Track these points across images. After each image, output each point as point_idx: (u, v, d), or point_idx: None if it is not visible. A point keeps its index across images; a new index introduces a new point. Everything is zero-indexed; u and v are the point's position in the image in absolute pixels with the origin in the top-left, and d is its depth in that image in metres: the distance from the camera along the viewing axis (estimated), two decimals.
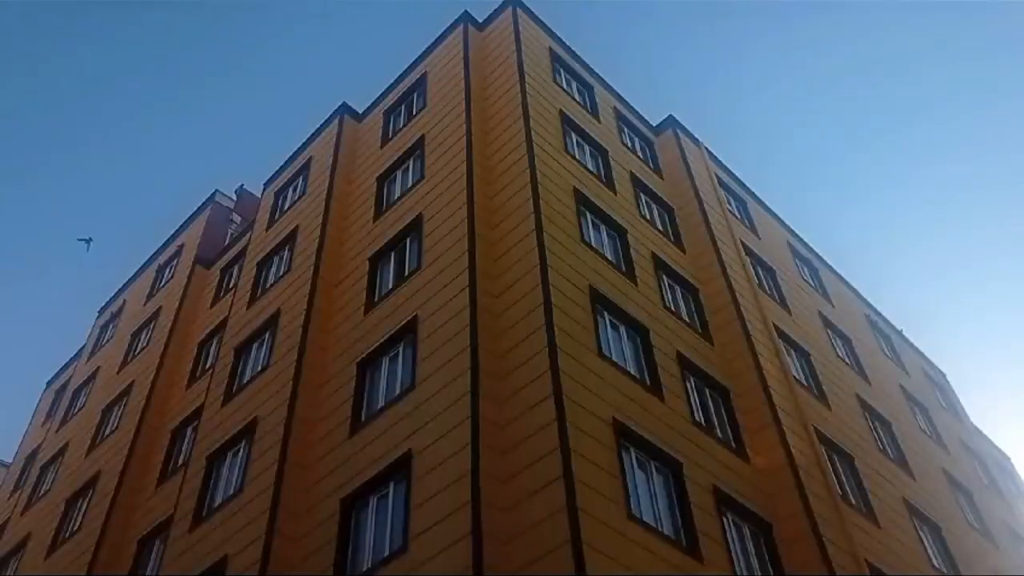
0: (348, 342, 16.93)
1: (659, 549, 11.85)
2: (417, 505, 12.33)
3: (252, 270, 22.51)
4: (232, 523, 15.09)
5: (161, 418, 22.35)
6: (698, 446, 14.54)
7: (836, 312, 25.45)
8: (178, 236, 30.63)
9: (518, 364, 13.45)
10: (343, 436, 14.90)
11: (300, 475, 14.97)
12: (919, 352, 30.61)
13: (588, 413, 12.67)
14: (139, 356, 25.49)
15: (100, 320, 31.53)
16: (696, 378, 16.45)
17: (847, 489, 17.44)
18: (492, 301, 14.81)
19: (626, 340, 15.52)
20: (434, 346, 14.51)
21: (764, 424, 16.46)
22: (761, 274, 22.62)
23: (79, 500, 21.96)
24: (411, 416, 13.80)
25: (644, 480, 13.03)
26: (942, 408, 28.01)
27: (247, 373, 19.03)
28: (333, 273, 19.39)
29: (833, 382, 20.91)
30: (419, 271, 16.56)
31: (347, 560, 12.94)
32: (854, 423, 20.17)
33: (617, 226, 18.29)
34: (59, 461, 25.07)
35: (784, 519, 14.91)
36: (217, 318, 23.71)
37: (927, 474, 21.75)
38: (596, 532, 10.94)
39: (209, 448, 17.68)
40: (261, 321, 19.83)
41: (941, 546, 19.18)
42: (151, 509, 19.47)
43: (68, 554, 20.12)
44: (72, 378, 29.95)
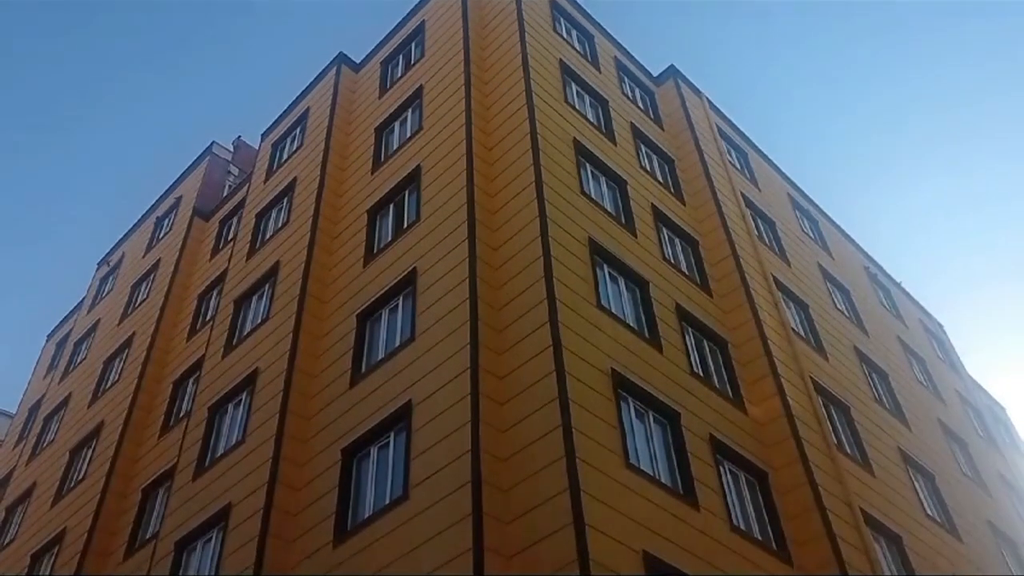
0: (348, 294, 16.97)
1: (656, 497, 12.02)
2: (417, 455, 12.48)
3: (251, 222, 22.46)
4: (234, 472, 15.28)
5: (162, 370, 22.50)
6: (696, 396, 14.66)
7: (835, 264, 25.46)
8: (176, 188, 30.51)
9: (517, 316, 13.51)
10: (343, 387, 15.02)
11: (301, 425, 15.12)
12: (917, 304, 30.70)
13: (587, 364, 12.76)
14: (139, 308, 25.56)
15: (100, 272, 31.54)
16: (695, 330, 16.52)
17: (843, 439, 17.63)
18: (491, 253, 14.81)
19: (625, 292, 15.55)
20: (433, 298, 14.55)
21: (762, 375, 16.59)
22: (761, 226, 22.58)
23: (83, 450, 22.21)
24: (411, 367, 13.89)
25: (642, 430, 13.17)
26: (939, 359, 28.19)
27: (247, 325, 19.10)
28: (332, 225, 19.35)
29: (831, 333, 21.01)
30: (418, 223, 16.52)
31: (348, 508, 13.14)
32: (851, 374, 20.31)
33: (617, 177, 18.21)
34: (62, 412, 25.29)
35: (780, 468, 15.10)
36: (216, 270, 23.72)
37: (922, 424, 21.97)
38: (594, 480, 11.08)
39: (210, 399, 17.82)
40: (260, 273, 19.84)
41: (935, 494, 19.44)
42: (154, 459, 19.70)
43: (73, 503, 20.41)
44: (73, 330, 30.07)
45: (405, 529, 11.70)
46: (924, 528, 17.61)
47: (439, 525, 11.22)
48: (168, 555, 15.26)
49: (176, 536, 15.45)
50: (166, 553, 15.36)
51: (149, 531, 17.91)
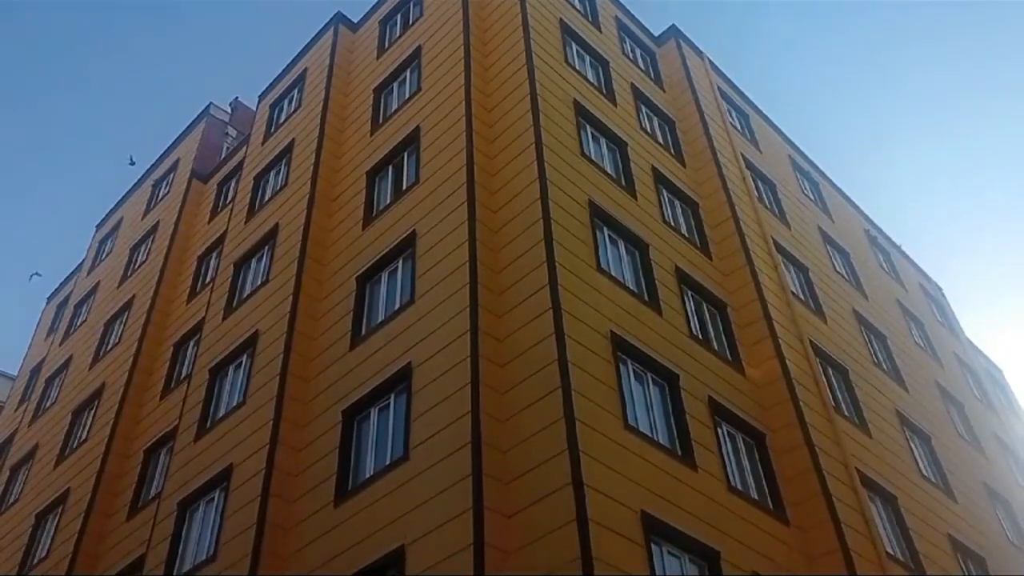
0: (347, 257, 16.96)
1: (654, 457, 12.12)
2: (417, 416, 12.56)
3: (249, 184, 22.37)
4: (236, 433, 15.39)
5: (163, 332, 22.55)
6: (694, 359, 14.72)
7: (835, 227, 25.41)
8: (173, 150, 30.32)
9: (517, 278, 13.51)
10: (344, 349, 15.07)
11: (302, 387, 15.20)
12: (916, 267, 30.69)
13: (586, 326, 12.79)
14: (138, 271, 25.55)
15: (99, 235, 31.48)
16: (694, 292, 16.54)
17: (840, 401, 17.73)
18: (491, 216, 14.77)
19: (625, 255, 15.54)
20: (433, 261, 14.53)
21: (761, 338, 16.64)
22: (761, 188, 22.49)
23: (85, 412, 22.35)
24: (411, 330, 13.92)
25: (641, 391, 13.24)
26: (937, 322, 28.25)
27: (247, 287, 19.11)
28: (331, 187, 19.27)
29: (830, 296, 21.04)
30: (417, 185, 16.45)
31: (349, 469, 13.25)
32: (850, 337, 20.37)
33: (617, 139, 18.10)
34: (63, 374, 25.40)
35: (777, 429, 15.21)
36: (215, 232, 23.68)
37: (920, 386, 22.08)
38: (593, 441, 11.17)
39: (211, 361, 17.89)
40: (260, 235, 19.81)
41: (931, 456, 19.61)
42: (156, 420, 19.83)
43: (76, 463, 20.58)
44: (73, 292, 30.09)
45: (405, 489, 11.82)
46: (919, 488, 17.79)
47: (439, 485, 11.33)
48: (171, 515, 15.43)
49: (178, 496, 15.60)
50: (169, 513, 15.53)
51: (151, 491, 18.09)
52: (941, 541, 17.02)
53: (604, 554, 10.01)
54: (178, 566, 14.61)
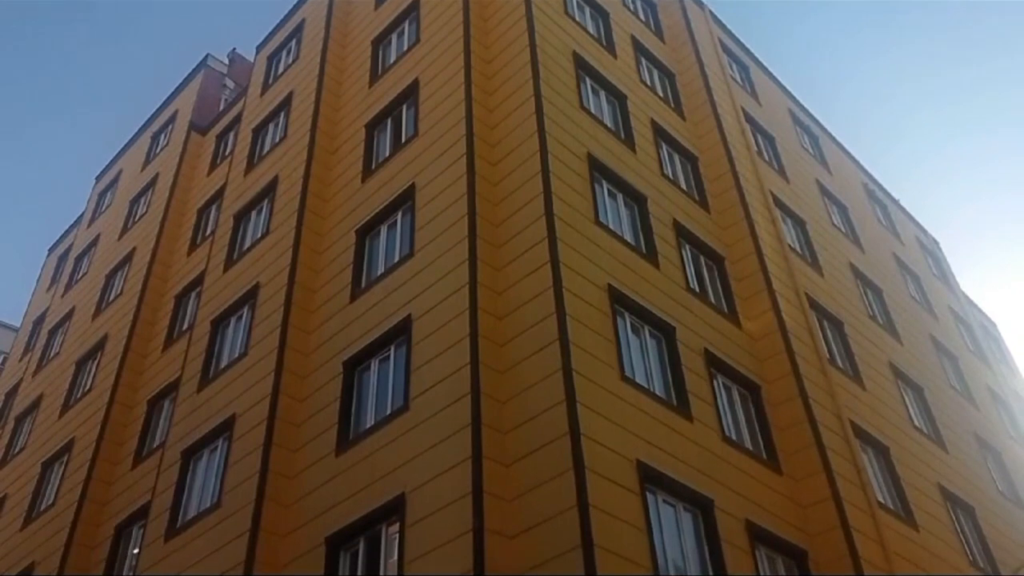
0: (346, 210, 17.00)
1: (651, 408, 12.33)
2: (417, 367, 12.74)
3: (248, 137, 22.30)
4: (238, 384, 15.60)
5: (164, 284, 22.67)
6: (691, 312, 14.87)
7: (834, 180, 25.41)
8: (171, 102, 30.12)
9: (515, 232, 13.58)
10: (344, 302, 15.20)
11: (303, 339, 15.37)
12: (914, 221, 30.74)
13: (584, 280, 12.90)
14: (139, 223, 25.59)
15: (98, 187, 31.43)
16: (692, 246, 16.63)
17: (835, 353, 17.94)
18: (490, 169, 14.79)
19: (623, 208, 15.59)
20: (432, 214, 14.59)
21: (757, 291, 16.78)
22: (760, 141, 22.45)
23: (88, 362, 22.57)
24: (410, 282, 14.04)
25: (638, 344, 13.41)
26: (933, 276, 28.39)
27: (247, 240, 19.18)
28: (330, 140, 19.23)
29: (827, 250, 21.13)
30: (416, 138, 16.43)
31: (350, 418, 13.48)
32: (846, 290, 20.52)
33: (617, 92, 18.02)
34: (66, 325, 25.59)
35: (772, 381, 15.43)
36: (215, 185, 23.66)
37: (914, 339, 22.29)
38: (590, 392, 11.36)
39: (213, 313, 18.04)
40: (259, 188, 19.82)
41: (923, 407, 19.88)
42: (159, 371, 20.05)
43: (81, 413, 20.85)
44: (74, 244, 30.14)
45: (406, 439, 12.05)
46: (911, 439, 18.08)
47: (439, 435, 11.55)
48: (175, 463, 15.71)
49: (182, 445, 15.86)
50: (173, 461, 15.80)
51: (155, 440, 18.37)
52: (931, 491, 17.36)
53: (600, 502, 10.25)
54: (183, 513, 14.92)
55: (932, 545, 15.86)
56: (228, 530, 13.31)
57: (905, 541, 15.04)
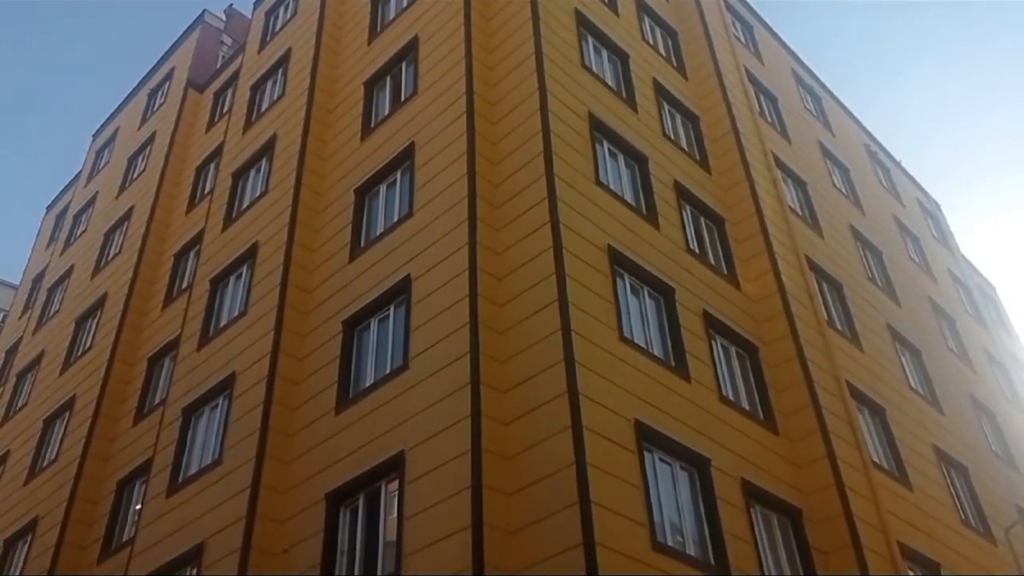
0: (345, 169, 16.91)
1: (649, 369, 12.40)
2: (416, 327, 12.77)
3: (246, 94, 22.11)
4: (238, 343, 15.65)
5: (163, 243, 22.64)
6: (691, 273, 14.88)
7: (836, 142, 25.26)
8: (168, 59, 29.80)
9: (516, 192, 13.53)
10: (343, 261, 15.19)
11: (302, 298, 15.39)
12: (916, 183, 30.62)
13: (584, 240, 12.88)
14: (136, 181, 25.47)
15: (95, 144, 31.23)
16: (692, 207, 16.58)
17: (833, 315, 17.98)
18: (490, 128, 14.68)
19: (624, 168, 15.52)
20: (431, 173, 14.52)
21: (757, 252, 16.77)
22: (763, 101, 22.27)
23: (88, 320, 22.61)
24: (409, 242, 14.02)
25: (637, 305, 13.44)
26: (933, 238, 28.36)
27: (246, 198, 19.11)
28: (328, 98, 19.06)
29: (828, 211, 21.08)
30: (415, 96, 16.29)
31: (350, 377, 13.55)
32: (846, 252, 20.51)
33: (619, 51, 17.83)
34: (65, 283, 25.60)
35: (770, 343, 15.49)
36: (213, 143, 23.51)
37: (913, 302, 22.33)
38: (589, 352, 11.40)
39: (212, 272, 18.04)
40: (257, 146, 19.70)
41: (920, 369, 19.98)
42: (158, 329, 20.10)
43: (81, 371, 20.94)
44: (72, 202, 30.04)
45: (405, 397, 12.12)
46: (907, 400, 18.20)
47: (438, 393, 11.62)
48: (176, 420, 15.82)
49: (183, 403, 15.96)
50: (174, 419, 15.91)
51: (156, 398, 18.47)
52: (926, 451, 17.52)
53: (598, 460, 10.35)
54: (184, 469, 15.06)
55: (925, 504, 16.05)
56: (229, 486, 13.45)
57: (899, 500, 15.21)
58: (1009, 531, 18.06)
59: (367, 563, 11.44)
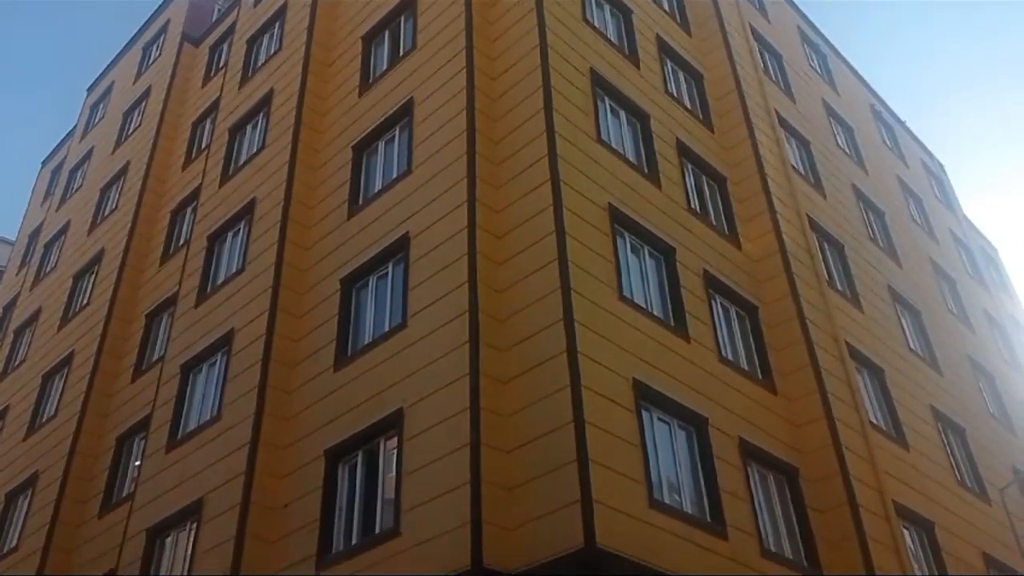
0: (343, 124, 16.71)
1: (648, 328, 12.35)
2: (415, 285, 12.70)
3: (242, 48, 21.78)
4: (236, 300, 15.58)
5: (159, 199, 22.47)
6: (692, 232, 14.77)
7: (841, 101, 24.96)
8: (163, 11, 29.31)
9: (516, 149, 13.36)
10: (341, 218, 15.07)
11: (300, 255, 15.29)
12: (920, 143, 30.35)
13: (585, 199, 12.75)
14: (132, 136, 25.21)
15: (90, 99, 30.87)
16: (694, 165, 16.41)
17: (834, 275, 17.90)
18: (490, 83, 14.47)
19: (626, 126, 15.32)
20: (430, 129, 14.34)
21: (758, 212, 16.64)
22: (768, 59, 21.95)
23: (85, 276, 22.53)
24: (408, 200, 13.89)
25: (637, 264, 13.35)
26: (936, 199, 28.18)
27: (243, 154, 18.92)
28: (326, 52, 18.77)
29: (831, 171, 20.90)
30: (414, 51, 16.03)
31: (349, 335, 13.51)
32: (848, 212, 20.36)
33: (621, 5, 17.50)
34: (62, 239, 25.46)
35: (770, 303, 15.44)
36: (209, 98, 23.22)
37: (914, 262, 22.25)
38: (588, 312, 11.35)
39: (209, 228, 17.91)
40: (254, 101, 19.45)
41: (920, 330, 19.95)
42: (156, 286, 20.03)
43: (79, 327, 20.91)
44: (67, 158, 29.77)
45: (404, 355, 12.09)
46: (906, 362, 18.20)
47: (437, 351, 11.58)
48: (174, 377, 15.81)
49: (181, 359, 15.95)
50: (172, 375, 15.91)
51: (155, 355, 18.46)
52: (923, 412, 17.56)
53: (596, 419, 10.34)
54: (183, 425, 15.09)
55: (921, 464, 16.12)
56: (228, 442, 13.48)
57: (895, 460, 15.28)
58: (1004, 491, 18.19)
59: (366, 519, 11.50)
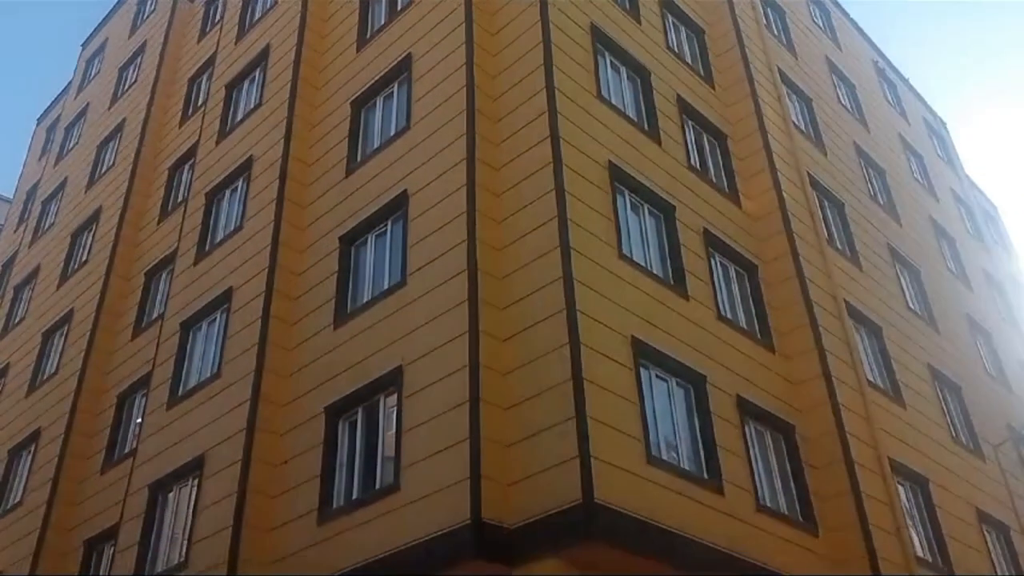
0: (341, 80, 16.54)
1: (647, 286, 12.36)
2: (414, 243, 12.68)
3: (238, 3, 21.46)
4: (234, 257, 15.56)
5: (157, 156, 22.31)
6: (692, 190, 14.70)
7: (843, 57, 24.69)
8: None
9: (515, 105, 13.25)
10: (340, 175, 14.99)
11: (298, 213, 15.24)
12: (923, 101, 30.08)
13: (584, 156, 12.67)
14: (128, 92, 24.95)
15: (84, 54, 30.50)
16: (695, 123, 16.29)
17: (834, 233, 17.86)
18: (489, 39, 14.29)
19: (626, 82, 15.17)
20: (429, 85, 14.20)
21: (759, 170, 16.56)
22: (770, 15, 21.66)
23: (84, 234, 22.47)
24: (407, 157, 13.80)
25: (637, 222, 13.32)
26: (938, 157, 28.01)
27: (240, 111, 18.75)
28: (322, 7, 18.51)
29: (832, 129, 20.75)
30: (413, 5, 15.80)
31: (347, 292, 13.52)
32: (848, 170, 20.26)
33: None
34: (59, 196, 25.34)
35: (770, 261, 15.43)
36: (205, 54, 22.94)
37: (914, 221, 22.19)
38: (587, 270, 11.34)
39: (207, 185, 17.83)
40: (251, 57, 19.22)
41: (918, 288, 19.96)
42: (155, 243, 19.98)
43: (79, 284, 20.90)
44: (63, 114, 29.49)
45: (403, 313, 12.11)
46: (904, 320, 18.25)
47: (436, 310, 11.61)
48: (174, 335, 15.85)
49: (181, 317, 15.97)
50: (172, 333, 15.95)
51: (154, 312, 18.47)
52: (920, 370, 17.65)
53: (594, 376, 10.40)
54: (183, 382, 15.16)
55: (917, 421, 16.25)
56: (229, 399, 13.57)
57: (891, 418, 15.39)
58: (999, 448, 18.35)
59: (366, 475, 11.61)
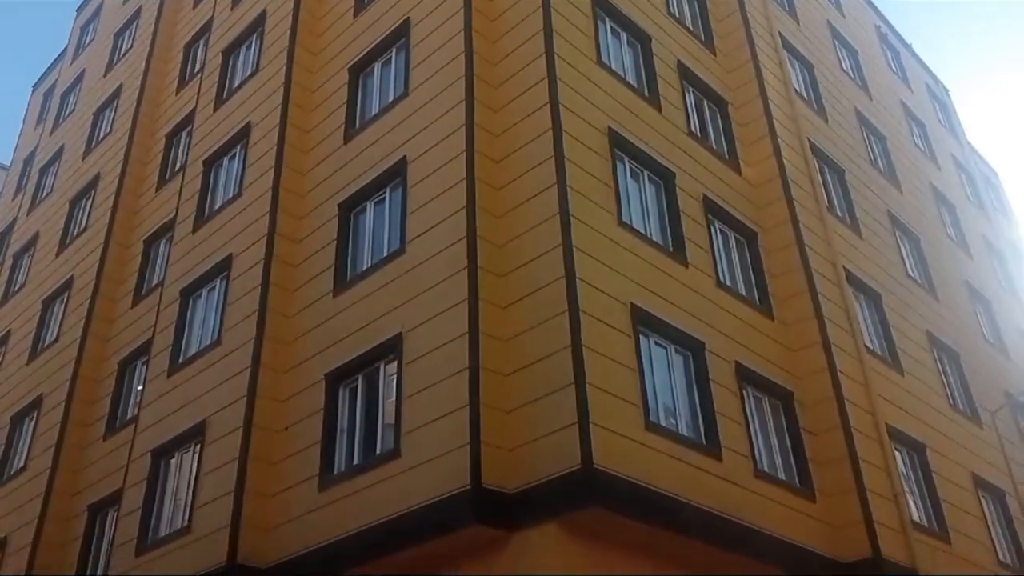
0: (339, 46, 16.40)
1: (646, 253, 12.35)
2: (413, 210, 12.65)
3: None
4: (234, 225, 15.53)
5: (154, 122, 22.17)
6: (692, 157, 14.64)
7: (846, 23, 24.46)
8: None
9: (514, 71, 13.15)
10: (338, 142, 14.92)
11: (297, 180, 15.19)
12: (925, 67, 29.86)
13: (584, 122, 12.60)
14: (124, 59, 24.74)
15: (79, 19, 30.22)
16: (695, 89, 16.17)
17: (834, 201, 17.82)
18: (488, 3, 14.15)
19: (627, 48, 15.04)
20: (427, 51, 14.08)
21: (760, 136, 16.47)
22: None
23: (82, 201, 22.41)
24: (405, 123, 13.72)
25: (636, 189, 13.28)
26: (939, 124, 27.86)
27: (237, 77, 18.61)
28: None
29: (833, 95, 20.61)
30: None
31: (347, 260, 13.52)
32: (849, 137, 20.16)
33: None
34: (57, 164, 25.23)
35: (769, 228, 15.41)
36: (202, 19, 22.70)
37: (914, 188, 22.13)
38: (587, 237, 11.33)
39: (205, 152, 17.74)
40: (247, 22, 19.04)
41: (918, 255, 19.96)
42: (153, 211, 19.93)
43: (77, 252, 20.88)
44: (58, 81, 29.28)
45: (403, 280, 12.12)
46: (903, 287, 18.26)
47: (436, 277, 11.61)
48: (174, 302, 15.87)
49: (180, 284, 15.98)
50: (172, 300, 15.96)
51: (154, 280, 18.47)
52: (919, 337, 17.69)
53: (593, 342, 10.43)
54: (184, 350, 15.20)
55: (915, 388, 16.32)
56: (230, 366, 13.61)
57: (889, 384, 15.46)
58: (996, 415, 18.46)
59: (366, 441, 11.69)
